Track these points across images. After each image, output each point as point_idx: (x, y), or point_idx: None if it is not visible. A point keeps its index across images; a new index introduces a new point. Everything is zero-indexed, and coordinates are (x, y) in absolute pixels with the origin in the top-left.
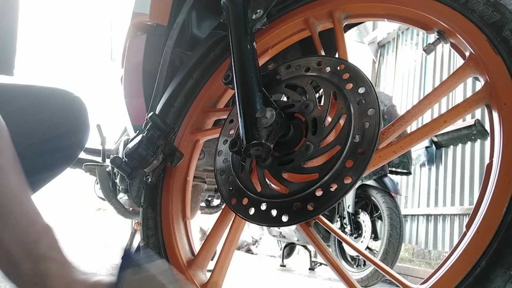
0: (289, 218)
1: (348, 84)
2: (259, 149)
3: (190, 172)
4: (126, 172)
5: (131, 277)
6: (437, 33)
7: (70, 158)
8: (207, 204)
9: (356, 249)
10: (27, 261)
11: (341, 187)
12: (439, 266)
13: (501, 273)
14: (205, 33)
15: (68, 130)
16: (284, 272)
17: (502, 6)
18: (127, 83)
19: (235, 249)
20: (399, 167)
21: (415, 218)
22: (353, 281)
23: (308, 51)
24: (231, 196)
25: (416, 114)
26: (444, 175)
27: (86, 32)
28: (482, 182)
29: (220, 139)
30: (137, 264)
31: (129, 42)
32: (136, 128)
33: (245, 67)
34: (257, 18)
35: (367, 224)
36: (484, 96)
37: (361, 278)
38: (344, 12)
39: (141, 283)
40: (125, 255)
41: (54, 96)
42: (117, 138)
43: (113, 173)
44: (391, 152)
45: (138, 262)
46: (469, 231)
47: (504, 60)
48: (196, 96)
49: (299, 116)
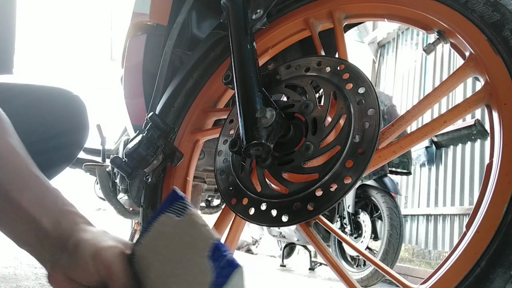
0: (289, 218)
1: (348, 84)
2: (259, 149)
3: (190, 172)
4: (126, 172)
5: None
6: (437, 33)
7: (69, 158)
8: (207, 204)
9: (356, 249)
10: (46, 216)
11: (341, 187)
12: (439, 266)
13: (501, 273)
14: (205, 33)
15: (67, 129)
16: (284, 272)
17: (502, 6)
18: (127, 83)
19: (235, 249)
20: (399, 167)
21: (415, 218)
22: (353, 281)
23: (308, 51)
24: (231, 196)
25: (416, 114)
26: (444, 175)
27: (86, 32)
28: (482, 182)
29: (220, 139)
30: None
31: (129, 42)
32: (136, 128)
33: (245, 67)
34: (257, 18)
35: (367, 224)
36: (484, 96)
37: (361, 278)
38: (344, 12)
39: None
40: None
41: (53, 95)
42: (117, 138)
43: (113, 173)
44: (391, 152)
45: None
46: (469, 231)
47: (504, 60)
48: (196, 96)
49: (299, 116)
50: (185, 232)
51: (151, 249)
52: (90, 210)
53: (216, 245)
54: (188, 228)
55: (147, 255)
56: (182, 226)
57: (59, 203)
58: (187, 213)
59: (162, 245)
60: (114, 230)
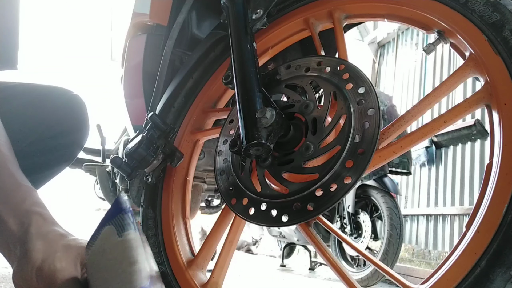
0: (289, 218)
1: (348, 84)
2: (259, 149)
3: (190, 172)
4: (126, 172)
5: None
6: (437, 33)
7: (69, 157)
8: (207, 204)
9: (356, 249)
10: (13, 216)
11: (341, 187)
12: (439, 266)
13: (501, 273)
14: (205, 33)
15: (68, 128)
16: (284, 272)
17: (502, 6)
18: (127, 83)
19: (235, 249)
20: (399, 167)
21: (415, 218)
22: (353, 281)
23: (308, 51)
24: (231, 196)
25: (416, 114)
26: (444, 175)
27: (86, 32)
28: (482, 182)
29: (220, 139)
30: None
31: (129, 42)
32: (136, 128)
33: (245, 67)
34: (257, 18)
35: (367, 224)
36: (484, 96)
37: (361, 278)
38: (344, 12)
39: (115, 247)
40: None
41: (53, 95)
42: (117, 138)
43: (113, 173)
44: (391, 152)
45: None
46: (469, 231)
47: (504, 60)
48: (196, 96)
49: (299, 116)
50: (120, 259)
51: (95, 262)
52: (90, 210)
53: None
54: (120, 257)
55: (91, 266)
56: (119, 249)
57: (27, 203)
58: (123, 236)
59: (104, 260)
60: None
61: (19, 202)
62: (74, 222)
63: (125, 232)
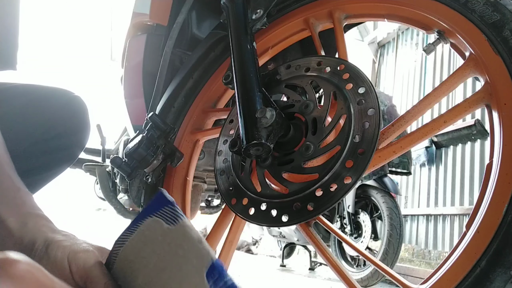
0: (289, 218)
1: (348, 84)
2: (259, 149)
3: (190, 172)
4: (126, 172)
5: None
6: (437, 33)
7: (70, 158)
8: (207, 204)
9: (356, 249)
10: (13, 218)
11: (341, 187)
12: (439, 266)
13: (501, 273)
14: (205, 33)
15: (69, 129)
16: (284, 272)
17: (502, 6)
18: (127, 83)
19: (235, 249)
20: (399, 167)
21: (415, 218)
22: (353, 281)
23: (308, 51)
24: (231, 196)
25: (416, 114)
26: (444, 175)
27: (86, 32)
28: (482, 182)
29: (220, 139)
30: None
31: (129, 42)
32: (136, 128)
33: (245, 67)
34: (257, 18)
35: (367, 224)
36: (484, 96)
37: (361, 278)
38: (344, 12)
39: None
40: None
41: (54, 96)
42: (117, 138)
43: (113, 173)
44: (391, 152)
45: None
46: (469, 231)
47: (504, 60)
48: (196, 96)
49: (299, 116)
50: (177, 244)
51: (137, 253)
52: (90, 210)
53: (215, 265)
54: (180, 240)
55: (132, 258)
56: (173, 236)
57: (27, 206)
58: (179, 223)
59: (149, 251)
60: (114, 230)
61: (19, 204)
62: (74, 222)
63: (179, 220)
